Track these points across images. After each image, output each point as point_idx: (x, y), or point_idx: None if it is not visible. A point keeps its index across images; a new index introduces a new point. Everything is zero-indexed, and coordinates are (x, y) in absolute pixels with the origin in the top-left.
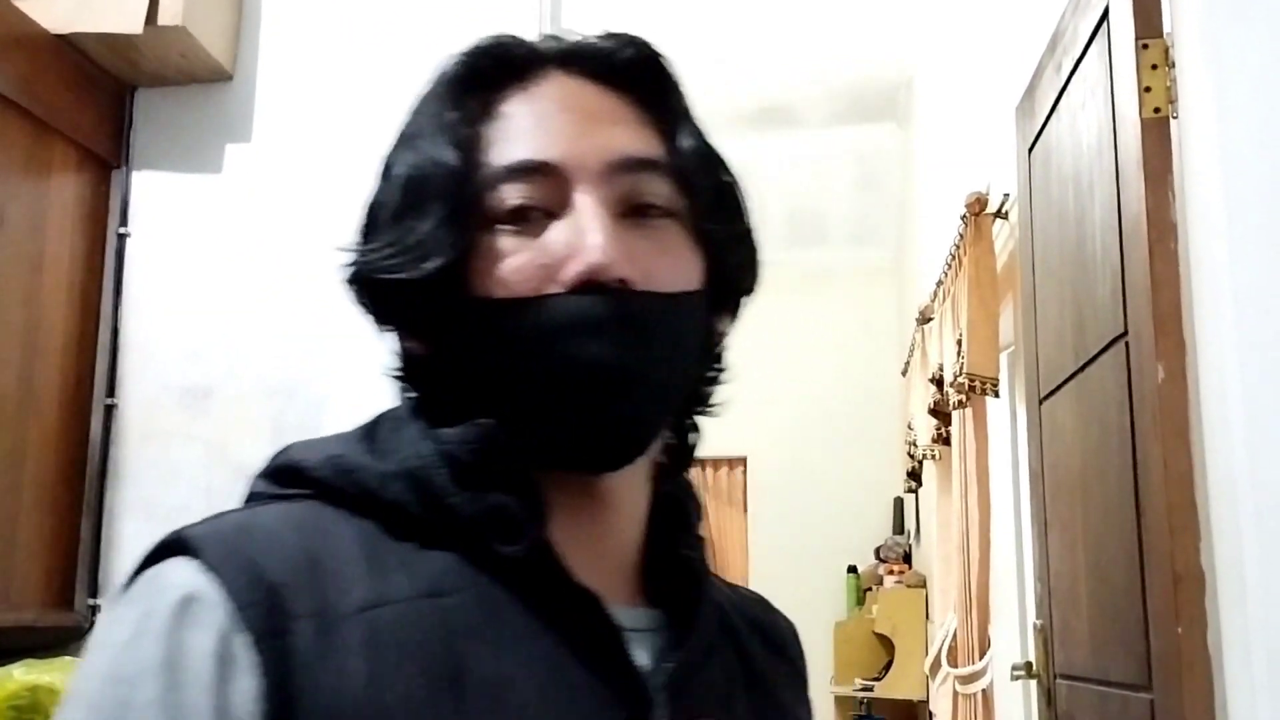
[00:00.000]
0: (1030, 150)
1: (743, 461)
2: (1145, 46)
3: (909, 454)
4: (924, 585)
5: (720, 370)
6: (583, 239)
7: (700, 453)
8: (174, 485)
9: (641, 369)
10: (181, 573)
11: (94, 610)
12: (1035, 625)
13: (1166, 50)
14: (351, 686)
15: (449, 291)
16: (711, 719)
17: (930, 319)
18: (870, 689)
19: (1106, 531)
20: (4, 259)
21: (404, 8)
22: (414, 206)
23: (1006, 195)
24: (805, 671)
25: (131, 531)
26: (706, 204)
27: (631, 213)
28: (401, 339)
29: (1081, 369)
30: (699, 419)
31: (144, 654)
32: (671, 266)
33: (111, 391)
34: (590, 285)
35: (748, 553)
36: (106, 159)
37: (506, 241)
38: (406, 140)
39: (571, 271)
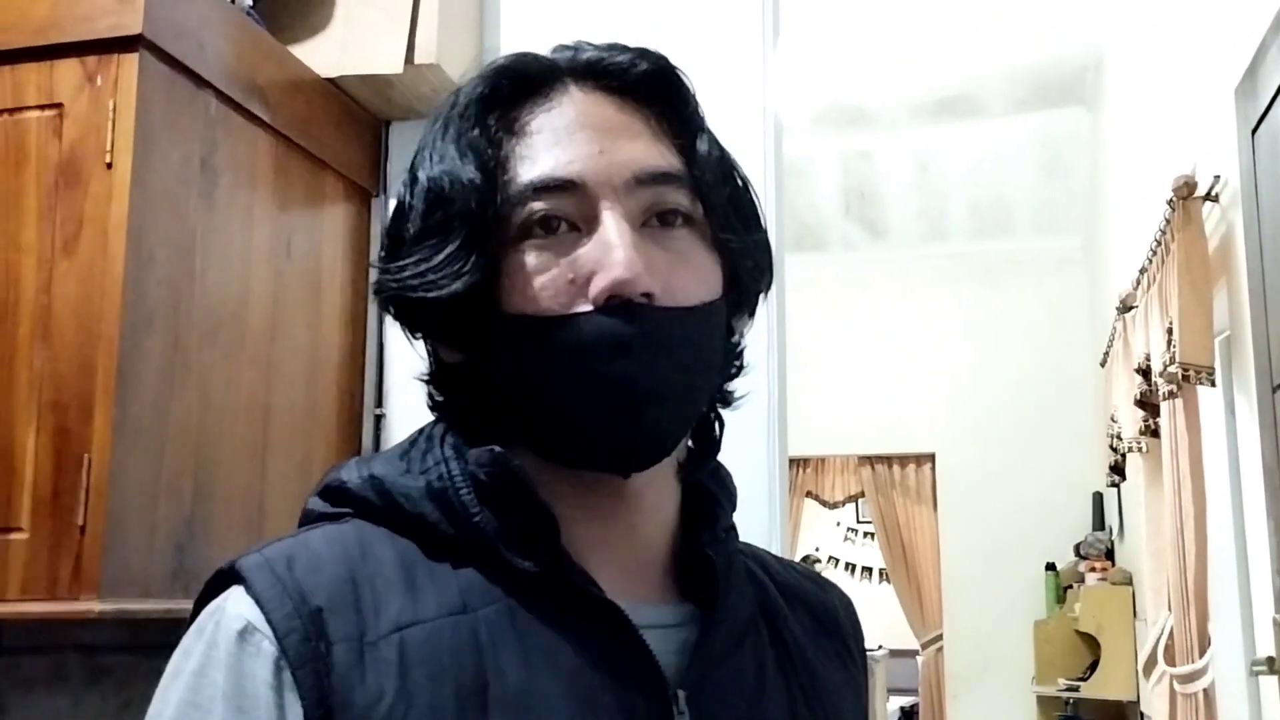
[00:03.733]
0: (1254, 132)
1: (930, 458)
2: None
3: (1111, 447)
4: (1130, 582)
5: (740, 368)
6: (609, 254)
7: (887, 449)
8: None
9: (665, 383)
10: (238, 605)
11: None
12: (1276, 620)
13: None
14: (382, 705)
15: (478, 307)
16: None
17: (1133, 307)
18: (1076, 689)
19: None
20: (292, 286)
21: (632, 33)
22: (439, 225)
23: (1217, 177)
24: (856, 646)
25: None
26: (723, 212)
27: (653, 223)
28: (434, 347)
29: None
30: (722, 412)
31: (213, 682)
32: (693, 277)
33: (380, 402)
34: (617, 302)
35: (939, 550)
36: (367, 189)
37: (534, 257)
38: (430, 156)
39: (599, 287)
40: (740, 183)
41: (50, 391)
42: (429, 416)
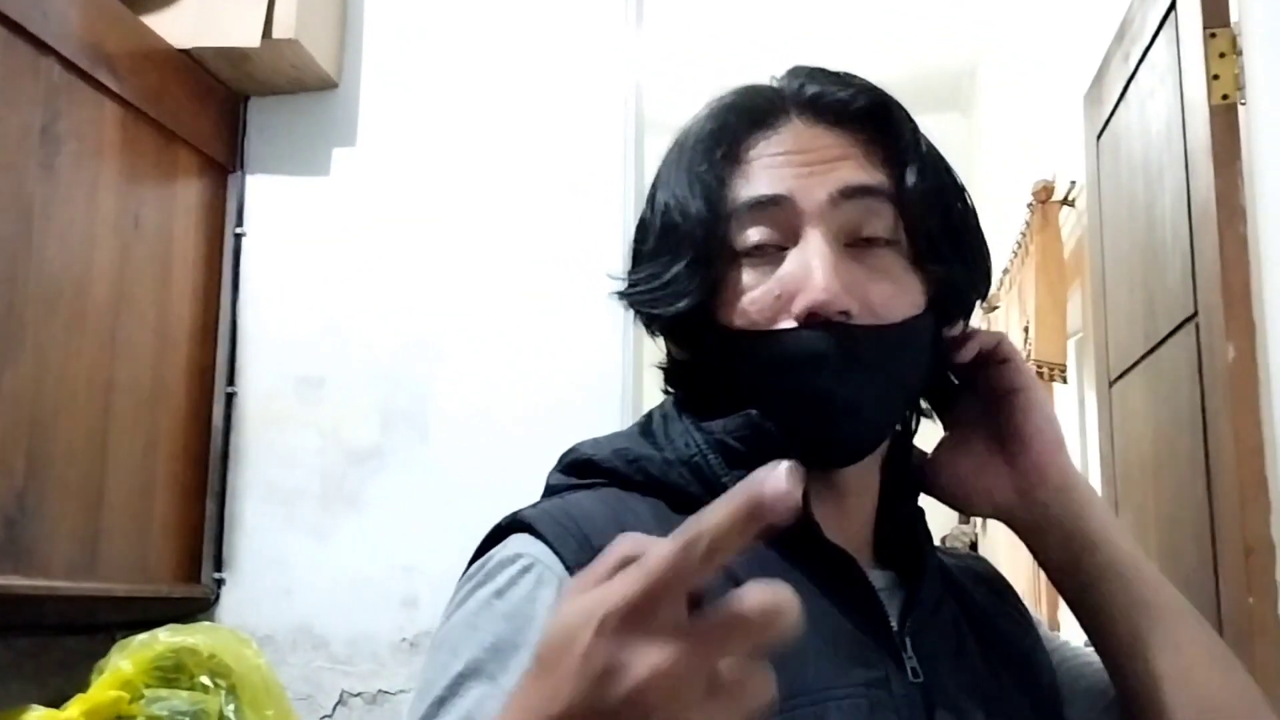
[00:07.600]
0: (1099, 137)
1: None
2: (1213, 35)
3: None
4: None
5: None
6: (810, 276)
7: None
8: (290, 468)
9: (860, 396)
10: (526, 545)
11: (219, 583)
12: None
13: (1234, 39)
14: None
15: (700, 320)
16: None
17: (996, 307)
18: None
19: (1178, 509)
20: (139, 259)
21: (493, 18)
22: (669, 248)
23: (1073, 183)
24: (1021, 604)
25: (251, 511)
26: (927, 239)
27: (858, 243)
28: (668, 345)
29: (1152, 351)
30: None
31: (513, 607)
32: (893, 294)
33: (232, 380)
34: (817, 319)
35: None
36: (223, 164)
37: (746, 275)
38: (667, 179)
39: (799, 306)
40: (958, 208)
41: None
42: (279, 395)
